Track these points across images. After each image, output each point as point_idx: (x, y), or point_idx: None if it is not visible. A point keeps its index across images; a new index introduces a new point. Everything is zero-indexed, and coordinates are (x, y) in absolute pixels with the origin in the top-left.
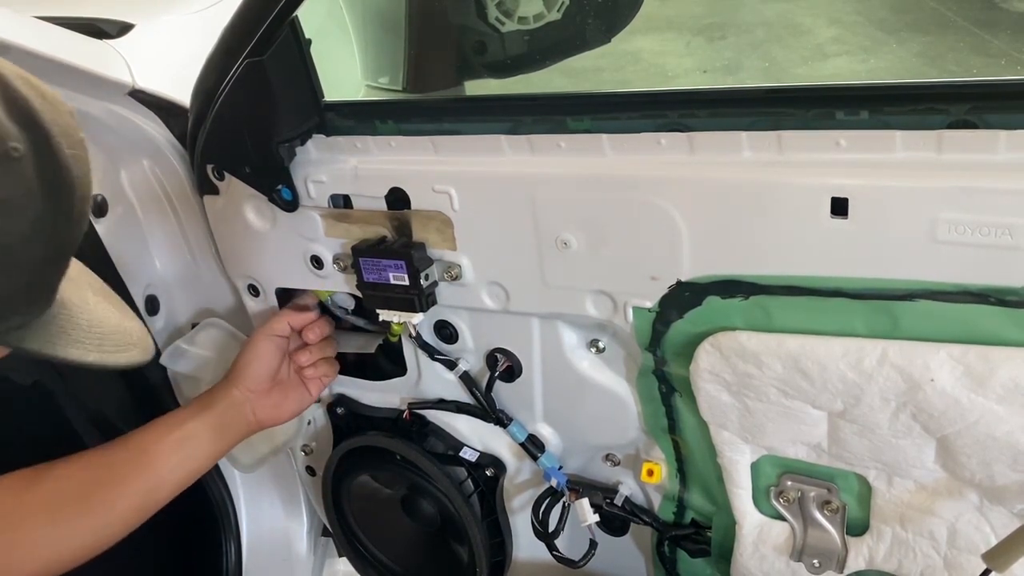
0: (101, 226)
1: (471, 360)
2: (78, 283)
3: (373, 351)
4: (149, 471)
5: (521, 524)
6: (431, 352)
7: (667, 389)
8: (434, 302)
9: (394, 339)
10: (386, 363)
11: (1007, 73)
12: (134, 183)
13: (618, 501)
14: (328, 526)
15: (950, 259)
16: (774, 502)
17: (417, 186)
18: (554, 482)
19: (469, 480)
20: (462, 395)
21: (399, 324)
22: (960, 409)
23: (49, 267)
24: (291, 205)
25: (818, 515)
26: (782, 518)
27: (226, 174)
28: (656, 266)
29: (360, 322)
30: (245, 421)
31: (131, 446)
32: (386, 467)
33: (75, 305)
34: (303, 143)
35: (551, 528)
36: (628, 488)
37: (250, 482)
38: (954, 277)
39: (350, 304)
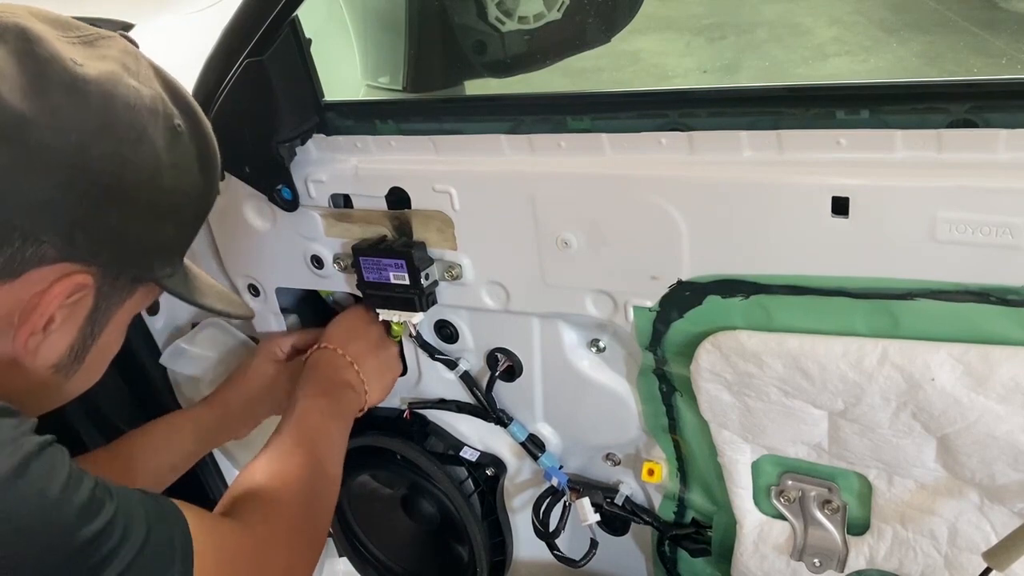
0: None
1: (471, 360)
2: None
3: None
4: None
5: (522, 524)
6: (431, 352)
7: (667, 388)
8: (434, 302)
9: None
10: None
11: (1007, 72)
12: None
13: (619, 500)
14: None
15: (950, 258)
16: (775, 501)
17: (417, 186)
18: (555, 481)
19: (469, 480)
20: (462, 395)
21: (399, 323)
22: (960, 408)
23: (196, 225)
24: (291, 205)
25: (819, 514)
26: (783, 517)
27: (226, 174)
28: (656, 265)
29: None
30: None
31: None
32: (386, 467)
33: (192, 265)
34: (303, 143)
35: (552, 528)
36: (629, 487)
37: None
38: (954, 276)
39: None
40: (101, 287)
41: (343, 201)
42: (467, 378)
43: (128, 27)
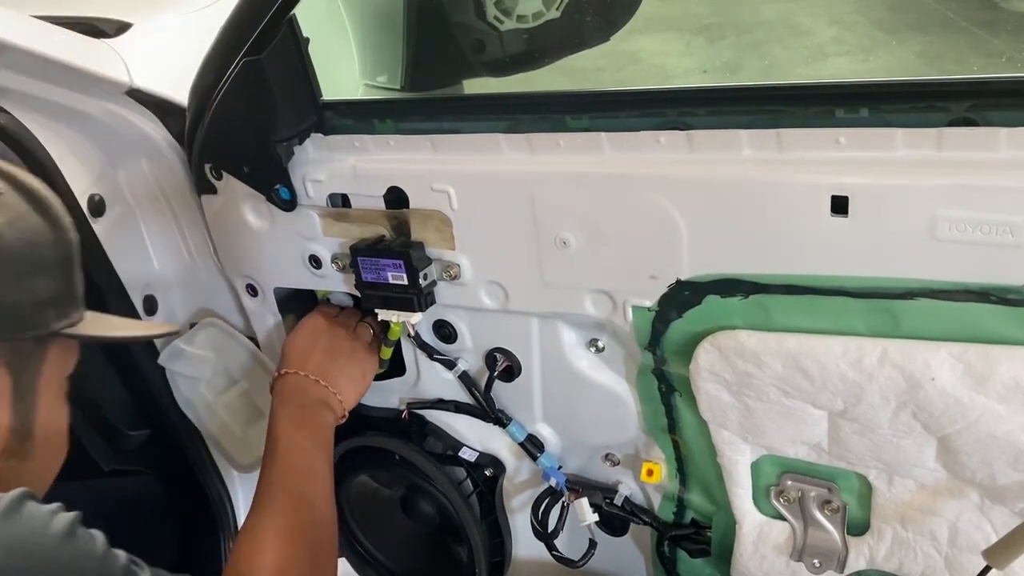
0: (99, 226)
1: (470, 360)
2: None
3: None
4: None
5: (520, 524)
6: (430, 352)
7: (667, 388)
8: (433, 302)
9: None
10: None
11: (1007, 71)
12: (132, 183)
13: (618, 501)
14: None
15: (950, 257)
16: (774, 502)
17: (416, 185)
18: (553, 482)
19: (468, 480)
20: (461, 395)
21: (398, 324)
22: (961, 408)
23: (68, 269)
24: (289, 204)
25: (818, 515)
26: (782, 518)
27: (224, 173)
28: (655, 265)
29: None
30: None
31: None
32: (385, 467)
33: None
34: (301, 142)
35: (550, 528)
36: (628, 488)
37: (249, 482)
38: (954, 275)
39: (349, 304)
40: (8, 360)
41: (341, 201)
42: (466, 378)
43: (126, 26)
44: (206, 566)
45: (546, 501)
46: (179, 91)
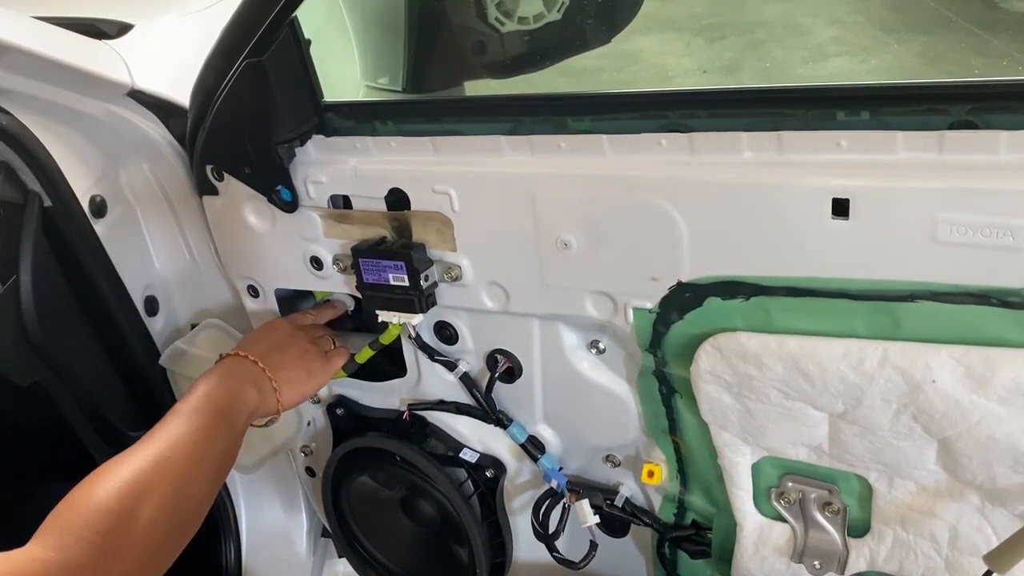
0: (100, 227)
1: (471, 361)
2: None
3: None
4: None
5: (521, 525)
6: (431, 353)
7: (667, 390)
8: (434, 303)
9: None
10: (386, 364)
11: (1008, 73)
12: (133, 184)
13: (618, 502)
14: (328, 527)
15: (951, 260)
16: (775, 503)
17: (417, 187)
18: (554, 483)
19: (469, 481)
20: (462, 396)
21: (398, 325)
22: (961, 410)
23: None
24: (290, 206)
25: (819, 516)
26: (783, 519)
27: (225, 175)
28: (656, 267)
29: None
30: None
31: None
32: (386, 468)
33: None
34: (302, 144)
35: (551, 529)
36: (628, 489)
37: (250, 483)
38: (955, 278)
39: (350, 304)
40: None
41: (342, 202)
42: (467, 379)
43: (127, 27)
44: (206, 566)
45: (547, 502)
46: (180, 92)
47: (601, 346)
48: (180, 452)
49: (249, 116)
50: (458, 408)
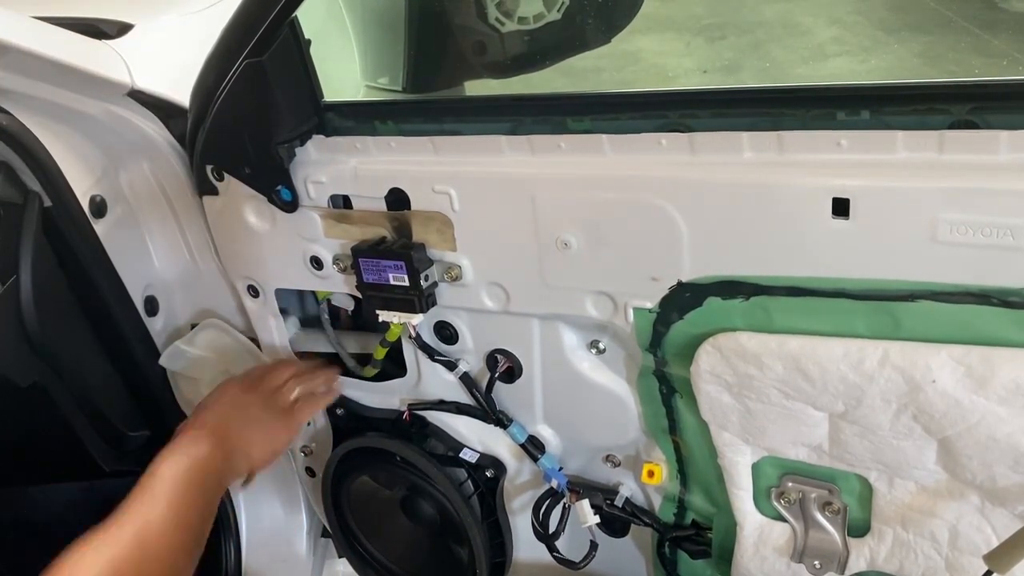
0: (100, 227)
1: (471, 361)
2: None
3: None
4: None
5: (521, 525)
6: (431, 353)
7: (667, 390)
8: (434, 303)
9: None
10: (386, 364)
11: (1008, 73)
12: (133, 184)
13: (618, 502)
14: (328, 527)
15: (952, 260)
16: (775, 503)
17: (417, 187)
18: (554, 483)
19: (469, 481)
20: (462, 396)
21: (399, 325)
22: (961, 410)
23: None
24: (291, 206)
25: (819, 516)
26: (783, 519)
27: (225, 175)
28: (657, 267)
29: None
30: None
31: None
32: (386, 468)
33: None
34: (302, 144)
35: (551, 529)
36: (628, 489)
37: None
38: (956, 278)
39: (350, 305)
40: None
41: (342, 202)
42: (467, 379)
43: (127, 27)
44: (206, 566)
45: (547, 502)
46: (180, 92)
47: (601, 346)
48: (157, 535)
49: (249, 116)
50: (458, 408)
